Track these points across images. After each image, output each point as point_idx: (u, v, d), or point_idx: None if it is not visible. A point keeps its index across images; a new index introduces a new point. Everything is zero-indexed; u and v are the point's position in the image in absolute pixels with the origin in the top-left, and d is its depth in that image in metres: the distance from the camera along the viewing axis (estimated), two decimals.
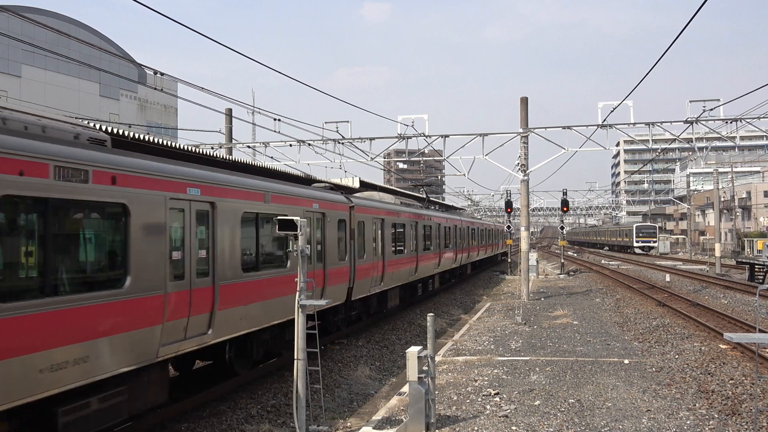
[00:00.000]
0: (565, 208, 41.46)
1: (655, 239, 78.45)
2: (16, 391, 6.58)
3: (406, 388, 10.81)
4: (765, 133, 29.25)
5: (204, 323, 9.82)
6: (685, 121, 25.56)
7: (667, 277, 35.77)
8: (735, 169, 70.32)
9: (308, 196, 14.05)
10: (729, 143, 33.16)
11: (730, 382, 12.09)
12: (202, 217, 9.96)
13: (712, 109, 24.98)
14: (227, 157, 15.76)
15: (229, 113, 28.68)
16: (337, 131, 27.05)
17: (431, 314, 10.20)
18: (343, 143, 27.55)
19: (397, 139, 27.52)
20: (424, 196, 33.60)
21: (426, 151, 29.58)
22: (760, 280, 31.60)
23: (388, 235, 19.77)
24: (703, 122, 25.42)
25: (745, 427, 9.50)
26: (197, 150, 13.70)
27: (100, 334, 7.63)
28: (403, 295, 23.56)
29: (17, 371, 6.55)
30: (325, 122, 27.28)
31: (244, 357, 12.32)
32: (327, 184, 18.00)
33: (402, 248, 21.46)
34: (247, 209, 11.20)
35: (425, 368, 9.45)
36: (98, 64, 45.58)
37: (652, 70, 16.50)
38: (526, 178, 27.45)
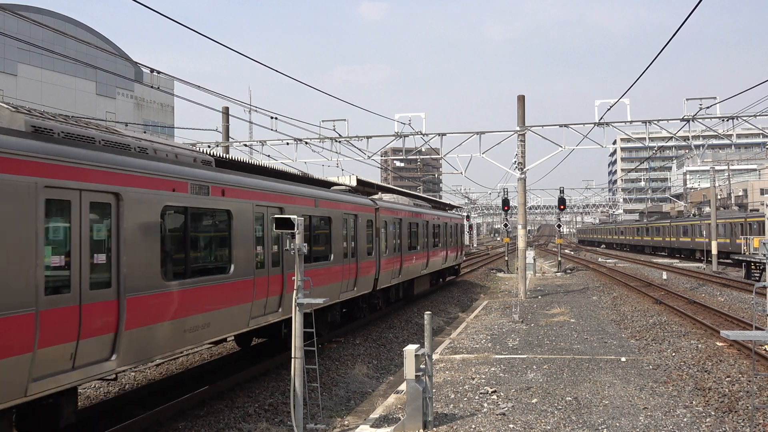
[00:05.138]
0: (562, 206, 41.51)
1: None
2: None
3: (403, 387, 10.82)
4: (761, 131, 29.30)
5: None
6: (682, 119, 25.60)
7: (664, 275, 35.84)
8: (731, 167, 70.45)
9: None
10: (725, 141, 33.24)
11: (727, 379, 12.12)
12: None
13: (708, 107, 25.04)
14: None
15: (226, 111, 28.64)
16: (334, 129, 27.06)
17: (428, 312, 10.21)
18: (340, 141, 27.54)
19: (394, 138, 27.52)
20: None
21: (423, 149, 29.57)
22: (757, 278, 31.67)
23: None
24: (700, 120, 25.46)
25: (742, 424, 9.53)
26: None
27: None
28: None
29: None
30: (322, 120, 27.33)
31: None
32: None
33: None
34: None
35: (423, 366, 9.46)
36: (94, 63, 45.51)
37: (649, 68, 16.51)
38: (523, 176, 27.46)
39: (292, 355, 9.24)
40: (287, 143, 28.14)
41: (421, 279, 26.36)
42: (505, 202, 43.62)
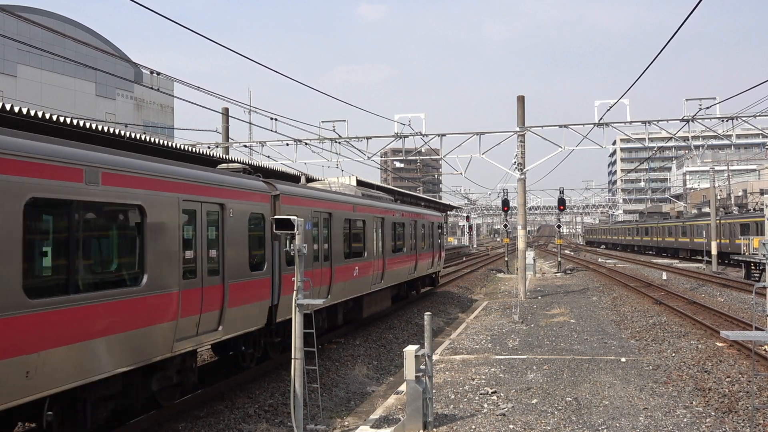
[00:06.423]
0: (561, 207, 41.53)
1: None
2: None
3: (403, 387, 10.83)
4: (761, 131, 29.32)
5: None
6: (682, 120, 25.61)
7: (664, 276, 35.85)
8: (731, 168, 70.48)
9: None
10: (725, 141, 33.24)
11: (727, 379, 12.12)
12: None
13: (708, 108, 25.06)
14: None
15: (225, 112, 28.65)
16: (334, 130, 27.06)
17: (428, 313, 10.21)
18: (339, 142, 27.54)
19: (394, 138, 27.53)
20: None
21: (423, 150, 29.58)
22: (757, 278, 31.67)
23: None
24: (700, 120, 25.48)
25: (742, 424, 9.53)
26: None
27: None
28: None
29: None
30: (322, 121, 27.31)
31: None
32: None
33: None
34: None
35: (423, 367, 9.46)
36: (94, 64, 45.49)
37: (649, 68, 16.56)
38: (523, 176, 27.46)
39: (292, 356, 9.25)
40: (287, 144, 28.15)
41: (373, 296, 19.44)
42: (505, 203, 43.63)
